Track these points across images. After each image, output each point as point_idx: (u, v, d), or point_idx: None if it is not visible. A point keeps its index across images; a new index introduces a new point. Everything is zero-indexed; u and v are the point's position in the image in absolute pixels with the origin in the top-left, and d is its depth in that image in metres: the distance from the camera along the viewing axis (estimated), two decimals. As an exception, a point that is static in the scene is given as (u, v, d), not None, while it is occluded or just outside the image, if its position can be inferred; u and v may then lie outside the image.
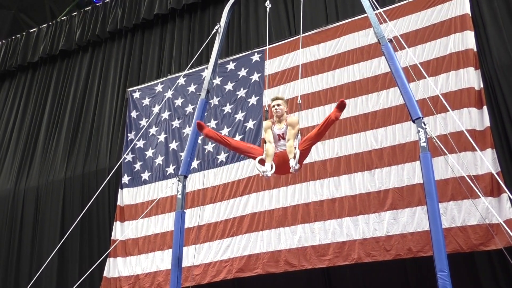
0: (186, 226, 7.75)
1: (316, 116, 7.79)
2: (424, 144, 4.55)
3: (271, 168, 4.82)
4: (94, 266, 6.99)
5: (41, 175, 10.62)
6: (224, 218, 7.94)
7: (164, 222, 8.42)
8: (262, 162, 4.89)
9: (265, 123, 5.21)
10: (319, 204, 7.27)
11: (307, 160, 7.28)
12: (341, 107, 4.79)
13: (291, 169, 4.78)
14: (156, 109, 9.46)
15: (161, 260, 8.17)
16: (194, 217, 8.11)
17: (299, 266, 7.12)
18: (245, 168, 8.10)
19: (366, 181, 7.07)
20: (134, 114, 9.82)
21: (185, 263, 7.59)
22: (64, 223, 9.65)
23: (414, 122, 4.75)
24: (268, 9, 6.49)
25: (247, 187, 7.96)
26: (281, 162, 4.89)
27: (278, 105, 5.13)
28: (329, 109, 7.74)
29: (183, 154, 6.37)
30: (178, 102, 9.39)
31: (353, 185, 7.14)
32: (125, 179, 9.27)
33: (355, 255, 6.78)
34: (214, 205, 8.12)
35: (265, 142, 5.09)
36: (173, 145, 9.09)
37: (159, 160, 9.12)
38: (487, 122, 6.60)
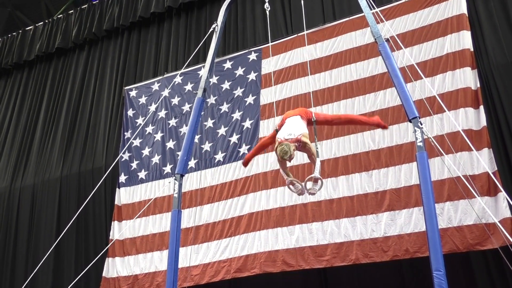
0: (184, 226, 7.80)
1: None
2: (421, 144, 4.55)
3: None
4: (89, 266, 6.96)
5: (37, 174, 10.59)
6: (222, 218, 7.94)
7: (162, 222, 8.41)
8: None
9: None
10: (316, 205, 7.28)
11: (304, 160, 7.29)
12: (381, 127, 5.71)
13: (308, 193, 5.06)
14: (152, 108, 9.44)
15: (160, 261, 8.16)
16: (192, 217, 8.10)
17: (297, 266, 7.13)
18: (243, 168, 8.08)
19: (363, 182, 7.09)
20: (130, 112, 9.80)
21: (184, 263, 7.60)
22: (60, 221, 9.63)
23: (410, 121, 4.75)
24: (267, 12, 6.47)
25: (244, 187, 7.96)
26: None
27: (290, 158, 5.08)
28: (326, 109, 7.76)
29: (179, 153, 6.36)
30: (175, 101, 9.37)
31: (351, 186, 7.16)
32: (122, 178, 9.25)
33: (353, 256, 6.80)
34: (212, 205, 8.12)
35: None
36: (170, 144, 9.07)
37: (155, 159, 9.10)
38: (483, 122, 6.63)
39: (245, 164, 6.48)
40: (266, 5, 6.40)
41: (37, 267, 7.43)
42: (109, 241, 8.65)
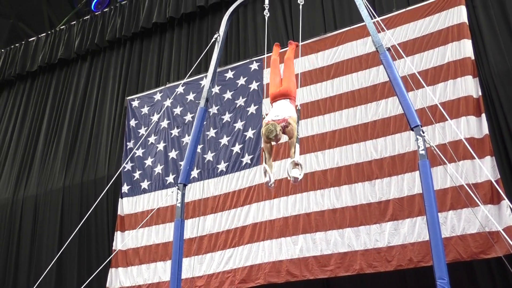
0: (187, 236, 7.81)
1: (315, 125, 7.80)
2: (423, 152, 4.55)
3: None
4: (92, 276, 6.95)
5: (40, 184, 10.59)
6: (225, 229, 7.93)
7: (166, 232, 8.40)
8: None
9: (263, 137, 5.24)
10: (320, 214, 7.27)
11: (307, 170, 7.33)
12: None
13: (292, 180, 4.92)
14: (155, 118, 9.46)
15: (164, 271, 8.13)
16: (196, 227, 8.09)
17: (301, 276, 7.11)
18: (246, 178, 8.11)
19: (366, 192, 7.08)
20: (133, 122, 9.83)
21: (188, 274, 7.59)
22: (63, 232, 9.62)
23: (412, 130, 4.75)
24: (266, 18, 6.51)
25: (248, 197, 7.96)
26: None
27: (276, 138, 5.08)
28: (328, 119, 7.78)
29: (182, 163, 6.36)
30: (177, 110, 9.40)
31: (354, 195, 7.15)
32: (125, 188, 9.25)
33: (356, 266, 6.78)
34: (215, 215, 8.11)
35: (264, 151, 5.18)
36: (173, 154, 9.09)
37: (158, 169, 9.11)
38: (485, 130, 6.62)
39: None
40: (266, 11, 6.43)
41: (40, 278, 7.42)
42: (112, 251, 8.64)
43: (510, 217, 6.03)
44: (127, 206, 9.09)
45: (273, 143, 5.26)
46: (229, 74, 9.09)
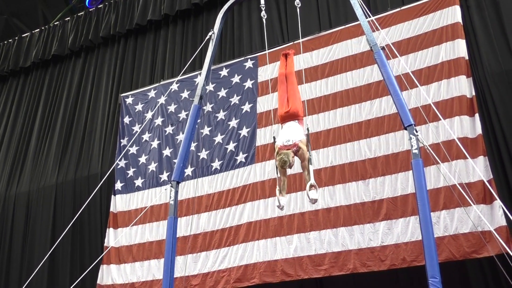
0: (182, 234, 7.80)
1: (310, 124, 7.72)
2: (416, 151, 4.56)
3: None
4: (85, 273, 6.93)
5: (32, 180, 10.55)
6: (220, 227, 7.93)
7: (159, 230, 8.39)
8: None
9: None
10: (314, 214, 7.28)
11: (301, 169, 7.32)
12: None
13: (311, 202, 5.25)
14: (149, 115, 9.44)
15: (158, 269, 8.12)
16: (190, 225, 8.08)
17: (295, 276, 7.13)
18: (240, 177, 8.10)
19: (360, 191, 7.10)
20: (127, 119, 9.79)
21: (183, 272, 7.58)
22: (55, 229, 9.59)
23: (406, 129, 4.76)
24: (264, 20, 6.49)
25: (242, 195, 7.96)
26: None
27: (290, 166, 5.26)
28: (322, 118, 7.78)
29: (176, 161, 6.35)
30: (171, 108, 9.38)
31: (348, 194, 7.17)
32: (118, 185, 9.23)
33: (350, 265, 6.80)
34: (209, 214, 8.10)
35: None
36: (167, 152, 9.06)
37: (152, 166, 9.09)
38: (479, 130, 6.66)
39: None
40: (263, 13, 6.42)
41: (32, 275, 7.39)
42: (104, 248, 8.61)
43: (502, 217, 6.06)
44: (120, 203, 9.07)
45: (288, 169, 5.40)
46: (224, 72, 9.07)
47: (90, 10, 11.79)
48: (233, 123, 8.59)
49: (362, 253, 6.80)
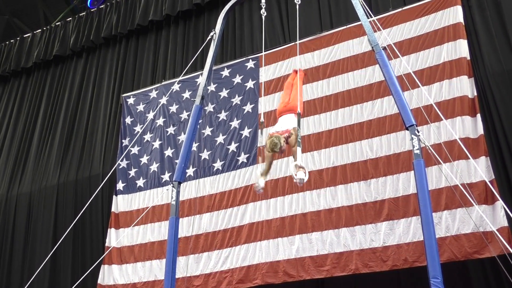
0: (184, 235, 7.81)
1: (311, 125, 7.80)
2: (418, 151, 4.56)
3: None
4: (86, 273, 6.92)
5: (34, 181, 10.56)
6: (222, 228, 7.93)
7: (161, 230, 8.38)
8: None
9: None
10: (316, 214, 7.28)
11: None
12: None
13: (298, 181, 4.91)
14: (150, 115, 9.44)
15: (160, 269, 8.11)
16: (192, 226, 8.08)
17: (298, 276, 7.13)
18: (242, 177, 8.10)
19: (362, 191, 7.10)
20: (128, 120, 9.80)
21: (185, 273, 7.58)
22: (57, 229, 9.60)
23: (407, 129, 4.76)
24: (263, 17, 6.50)
25: (244, 196, 7.97)
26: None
27: (280, 150, 5.20)
28: (324, 118, 7.79)
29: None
30: (173, 108, 9.38)
31: (350, 195, 7.17)
32: (120, 185, 9.23)
33: (352, 265, 6.80)
34: (211, 214, 8.10)
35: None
36: (168, 152, 9.07)
37: (154, 167, 9.09)
38: (480, 130, 6.66)
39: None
40: (262, 10, 6.42)
41: (34, 275, 7.39)
42: (105, 248, 8.62)
43: (504, 217, 6.06)
44: (122, 203, 9.07)
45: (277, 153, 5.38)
46: (225, 72, 9.07)
47: (92, 10, 11.80)
48: (235, 123, 8.59)
49: (364, 254, 6.79)
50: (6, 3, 14.04)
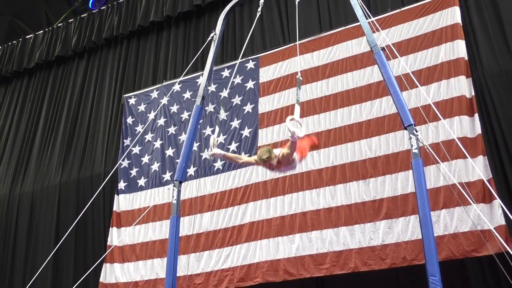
0: (185, 233, 7.87)
1: (311, 124, 7.85)
2: (416, 151, 4.61)
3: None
4: (88, 272, 6.98)
5: (36, 181, 10.63)
6: (223, 227, 7.99)
7: (162, 229, 8.44)
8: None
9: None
10: (315, 213, 7.35)
11: (303, 168, 7.39)
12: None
13: (290, 135, 4.78)
14: (151, 116, 9.51)
15: (161, 268, 8.17)
16: (192, 224, 8.14)
17: (298, 275, 7.19)
18: (242, 177, 8.16)
19: (361, 190, 7.16)
20: (129, 120, 9.87)
21: (186, 271, 7.64)
22: (59, 228, 9.66)
23: (406, 129, 4.81)
24: (258, 14, 6.55)
25: (244, 195, 8.03)
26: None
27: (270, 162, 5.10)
28: (323, 118, 7.84)
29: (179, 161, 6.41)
30: (174, 108, 9.45)
31: (349, 194, 7.23)
32: (121, 185, 9.30)
33: (351, 264, 6.86)
34: (212, 213, 8.16)
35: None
36: (169, 152, 9.13)
37: (155, 166, 9.16)
38: (478, 130, 6.71)
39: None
40: (259, 9, 6.48)
41: (36, 274, 7.44)
42: (107, 247, 8.68)
43: (502, 216, 6.11)
44: (123, 202, 9.14)
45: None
46: (226, 73, 9.13)
47: (93, 11, 11.85)
48: (235, 123, 8.65)
49: (363, 252, 6.85)
50: (8, 4, 14.11)
